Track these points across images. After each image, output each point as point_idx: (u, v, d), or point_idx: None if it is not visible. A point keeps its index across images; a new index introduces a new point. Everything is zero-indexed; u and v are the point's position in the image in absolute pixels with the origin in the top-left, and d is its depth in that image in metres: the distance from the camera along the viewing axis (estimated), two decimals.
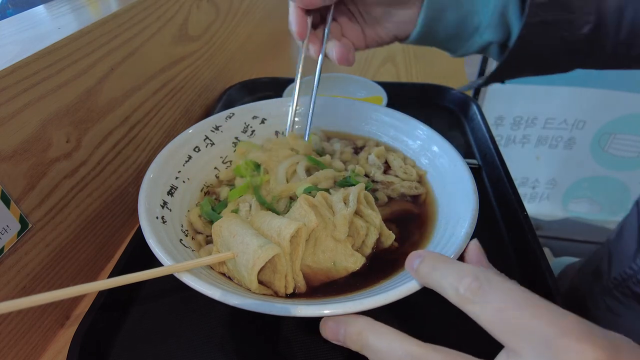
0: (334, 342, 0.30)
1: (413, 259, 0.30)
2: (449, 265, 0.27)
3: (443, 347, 0.26)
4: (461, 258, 0.34)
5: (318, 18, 0.50)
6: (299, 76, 0.52)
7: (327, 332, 0.31)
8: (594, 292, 0.57)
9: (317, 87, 0.51)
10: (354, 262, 0.40)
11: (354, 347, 0.29)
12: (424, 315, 0.42)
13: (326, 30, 0.48)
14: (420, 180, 0.52)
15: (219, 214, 0.47)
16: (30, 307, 0.26)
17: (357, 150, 0.57)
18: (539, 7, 0.42)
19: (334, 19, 0.49)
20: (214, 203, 0.49)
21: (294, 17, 0.47)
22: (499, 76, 0.50)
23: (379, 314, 0.30)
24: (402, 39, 0.51)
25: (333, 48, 0.47)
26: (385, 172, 0.53)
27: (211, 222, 0.45)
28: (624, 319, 0.52)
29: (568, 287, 0.66)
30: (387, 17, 0.48)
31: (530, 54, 0.45)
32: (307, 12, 0.47)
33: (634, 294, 0.50)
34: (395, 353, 0.26)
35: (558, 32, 0.44)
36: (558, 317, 0.22)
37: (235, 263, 0.38)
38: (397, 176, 0.52)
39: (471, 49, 0.50)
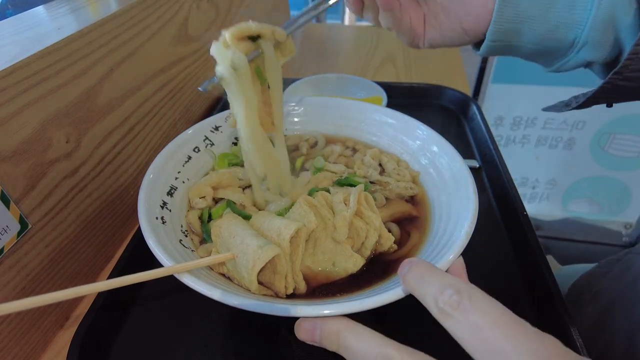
0: (309, 342, 0.30)
1: (403, 266, 0.30)
2: (433, 276, 0.27)
3: (419, 352, 0.25)
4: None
5: None
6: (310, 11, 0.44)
7: (302, 332, 0.30)
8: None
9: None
10: (354, 263, 0.40)
11: (331, 347, 0.29)
12: (422, 316, 0.42)
13: None
14: (414, 181, 0.52)
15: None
16: (29, 308, 0.26)
17: (353, 154, 0.57)
18: None
19: None
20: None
21: None
22: (599, 100, 0.40)
23: (378, 315, 0.30)
24: (472, 38, 0.41)
25: None
26: (380, 173, 0.53)
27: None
28: None
29: (598, 307, 0.57)
30: (456, 3, 0.40)
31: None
32: None
33: None
34: (371, 353, 0.26)
35: None
36: (533, 340, 0.22)
37: (235, 264, 0.38)
38: (390, 177, 0.52)
39: (567, 66, 0.41)
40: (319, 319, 0.30)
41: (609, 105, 0.42)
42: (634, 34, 0.33)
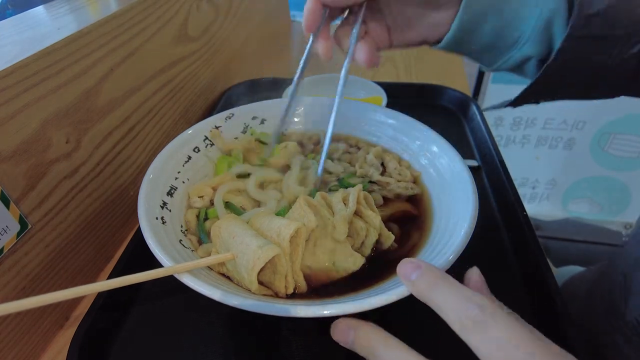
0: (341, 344, 0.30)
1: (409, 270, 0.29)
2: (453, 288, 0.27)
3: None
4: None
5: (337, 12, 0.45)
6: (299, 73, 0.49)
7: (337, 334, 0.30)
8: (606, 326, 0.52)
9: (341, 95, 0.48)
10: (354, 262, 0.40)
11: (362, 353, 0.29)
12: (424, 316, 0.42)
13: (354, 31, 0.44)
14: (415, 181, 0.52)
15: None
16: (28, 309, 0.26)
17: (357, 151, 0.57)
18: (588, 19, 0.38)
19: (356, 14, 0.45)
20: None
21: (308, 7, 0.42)
22: (532, 95, 0.46)
23: (380, 316, 0.30)
24: (432, 44, 0.46)
25: (359, 50, 0.44)
26: (381, 173, 0.53)
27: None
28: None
29: (577, 309, 0.59)
30: (420, 18, 0.44)
31: (572, 71, 0.41)
32: (324, 5, 0.42)
33: None
34: None
35: (605, 48, 0.40)
36: (557, 358, 0.22)
37: (235, 264, 0.38)
38: (391, 177, 0.52)
39: (507, 64, 0.46)
40: (355, 322, 0.30)
41: (537, 101, 0.48)
42: (563, 32, 0.39)
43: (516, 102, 0.48)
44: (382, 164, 0.54)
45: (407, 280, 0.29)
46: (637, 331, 0.47)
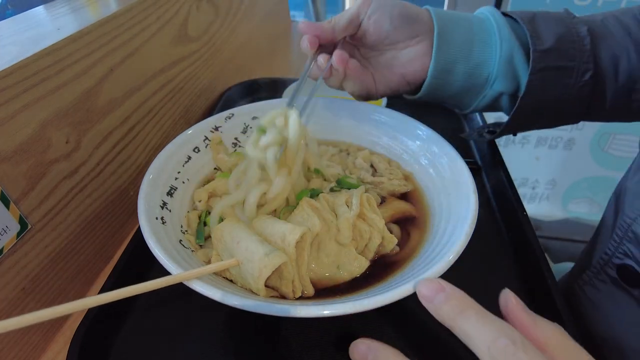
0: None
1: (432, 292, 0.28)
2: (483, 317, 0.26)
3: None
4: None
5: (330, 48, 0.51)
6: (302, 80, 0.50)
7: (356, 354, 0.30)
8: (576, 287, 0.57)
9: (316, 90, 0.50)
10: (359, 266, 0.40)
11: None
12: (424, 316, 0.42)
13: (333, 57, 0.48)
14: (407, 179, 0.52)
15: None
16: (23, 326, 0.26)
17: (347, 156, 0.58)
18: (542, 53, 0.46)
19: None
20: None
21: (305, 37, 0.48)
22: (511, 128, 0.52)
23: (380, 316, 0.30)
24: (413, 86, 0.52)
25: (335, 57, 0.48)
26: (372, 175, 0.53)
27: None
28: (604, 310, 0.53)
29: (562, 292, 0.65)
30: (397, 58, 0.50)
31: (540, 103, 0.48)
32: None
33: (612, 278, 0.51)
34: None
35: (562, 78, 0.47)
36: None
37: (240, 270, 0.37)
38: (383, 176, 0.52)
39: (483, 102, 0.51)
40: (376, 344, 0.29)
41: (514, 133, 0.56)
42: (526, 69, 0.47)
43: (496, 135, 0.55)
44: (372, 167, 0.55)
45: (429, 303, 0.28)
46: (598, 275, 0.53)
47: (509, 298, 0.29)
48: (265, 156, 0.42)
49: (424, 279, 0.29)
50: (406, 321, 0.41)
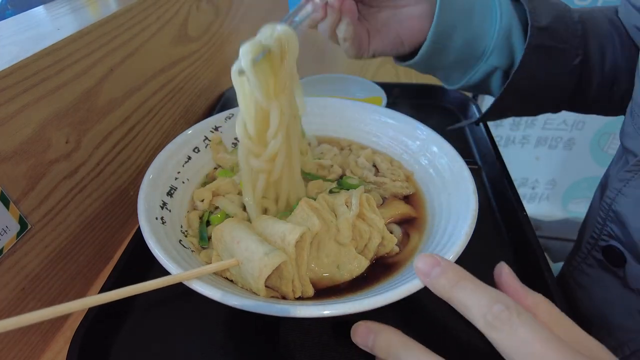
0: (361, 347, 0.31)
1: (428, 266, 0.29)
2: (478, 287, 0.27)
3: None
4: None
5: None
6: (293, 13, 0.47)
7: (357, 337, 0.31)
8: (567, 275, 0.58)
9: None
10: (358, 265, 0.40)
11: (382, 356, 0.29)
12: (425, 314, 0.42)
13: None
14: (408, 180, 0.52)
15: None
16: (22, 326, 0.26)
17: (349, 154, 0.57)
18: (539, 30, 0.47)
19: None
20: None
21: None
22: (497, 108, 0.53)
23: (380, 316, 0.30)
24: (407, 48, 0.51)
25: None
26: (375, 174, 0.53)
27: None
28: (593, 294, 0.54)
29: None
30: (396, 15, 0.49)
31: (530, 82, 0.49)
32: None
33: (599, 261, 0.52)
34: None
35: (554, 60, 0.48)
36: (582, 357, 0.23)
37: (240, 270, 0.37)
38: (385, 177, 0.52)
39: (475, 78, 0.52)
40: (376, 326, 0.30)
41: (497, 117, 0.57)
42: (522, 45, 0.47)
43: (482, 119, 0.55)
44: (375, 166, 0.54)
45: (425, 276, 0.29)
46: (586, 260, 0.55)
47: (502, 269, 0.30)
48: (241, 64, 0.39)
49: (421, 254, 0.30)
50: (406, 321, 0.41)
